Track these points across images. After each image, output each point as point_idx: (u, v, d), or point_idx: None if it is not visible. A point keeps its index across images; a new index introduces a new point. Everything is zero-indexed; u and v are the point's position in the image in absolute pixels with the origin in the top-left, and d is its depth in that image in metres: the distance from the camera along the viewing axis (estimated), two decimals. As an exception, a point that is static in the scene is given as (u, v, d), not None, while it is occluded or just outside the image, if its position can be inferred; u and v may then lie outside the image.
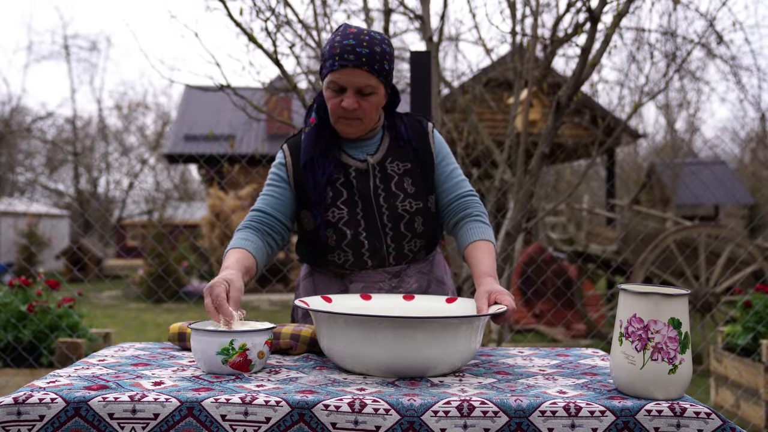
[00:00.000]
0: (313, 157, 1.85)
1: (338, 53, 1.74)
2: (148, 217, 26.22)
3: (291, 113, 9.11)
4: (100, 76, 49.32)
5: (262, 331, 1.50)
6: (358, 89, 1.77)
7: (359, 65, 1.74)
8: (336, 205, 1.84)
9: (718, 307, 6.29)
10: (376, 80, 1.77)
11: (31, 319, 3.76)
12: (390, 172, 1.87)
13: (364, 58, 1.73)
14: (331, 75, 1.77)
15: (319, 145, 1.86)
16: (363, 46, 1.74)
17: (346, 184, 1.86)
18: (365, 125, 1.84)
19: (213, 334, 1.46)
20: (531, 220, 4.94)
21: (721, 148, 21.11)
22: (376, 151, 1.89)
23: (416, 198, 1.86)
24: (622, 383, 1.35)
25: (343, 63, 1.74)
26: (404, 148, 1.90)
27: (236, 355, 1.46)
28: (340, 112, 1.80)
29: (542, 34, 4.23)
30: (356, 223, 1.84)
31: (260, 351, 1.49)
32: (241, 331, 1.47)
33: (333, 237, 1.84)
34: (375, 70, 1.76)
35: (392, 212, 1.84)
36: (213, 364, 1.47)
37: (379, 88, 1.79)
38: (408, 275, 1.92)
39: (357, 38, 1.75)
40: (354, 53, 1.73)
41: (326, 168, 1.85)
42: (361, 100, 1.78)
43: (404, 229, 1.85)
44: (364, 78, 1.75)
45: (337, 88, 1.78)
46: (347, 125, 1.82)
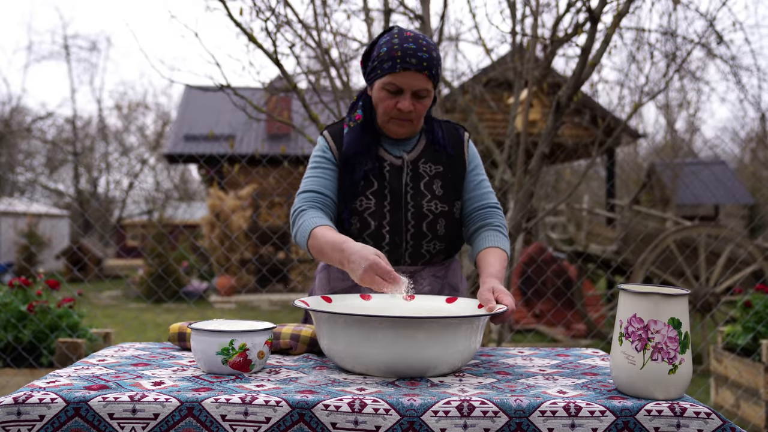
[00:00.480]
0: (355, 153, 1.89)
1: (400, 56, 1.79)
2: (148, 217, 26.21)
3: (291, 113, 9.11)
4: (100, 76, 49.31)
5: (262, 331, 1.50)
6: (415, 92, 1.83)
7: (420, 69, 1.79)
8: (365, 195, 1.88)
9: (718, 307, 6.28)
10: (431, 84, 1.83)
11: (31, 319, 3.76)
12: (421, 172, 1.91)
13: (425, 62, 1.79)
14: (390, 77, 1.81)
15: (362, 141, 1.90)
16: (423, 50, 1.80)
17: (378, 177, 1.89)
18: (415, 127, 1.90)
19: (213, 334, 1.46)
20: (531, 220, 4.93)
21: (721, 148, 21.11)
22: (411, 150, 1.93)
23: (443, 201, 1.89)
24: (622, 383, 1.35)
25: (406, 66, 1.79)
26: (439, 152, 1.94)
27: (236, 355, 1.46)
28: (394, 113, 1.85)
29: (542, 34, 4.23)
30: (381, 216, 1.87)
31: (260, 351, 1.49)
32: (241, 331, 1.47)
33: (356, 225, 1.88)
34: (432, 75, 1.82)
35: (417, 210, 1.87)
36: (213, 364, 1.47)
37: (431, 92, 1.86)
38: (422, 277, 1.93)
39: (417, 42, 1.81)
40: (416, 57, 1.79)
41: (365, 163, 1.88)
42: (416, 103, 1.84)
43: (426, 229, 1.88)
44: (422, 82, 1.81)
45: (394, 89, 1.83)
46: (399, 126, 1.87)
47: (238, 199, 12.62)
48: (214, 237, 12.28)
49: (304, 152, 4.45)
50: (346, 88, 3.99)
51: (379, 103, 1.86)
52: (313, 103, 4.73)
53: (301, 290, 13.21)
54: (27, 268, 13.53)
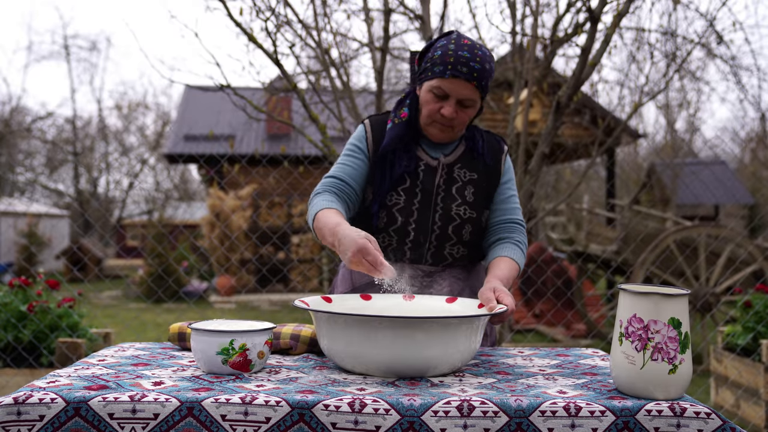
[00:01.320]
0: (395, 150, 1.89)
1: (452, 62, 1.79)
2: (148, 217, 26.21)
3: (291, 113, 9.11)
4: (100, 76, 49.26)
5: (262, 331, 1.50)
6: (461, 100, 1.83)
7: (470, 79, 1.79)
8: (396, 191, 1.88)
9: (718, 307, 6.28)
10: (478, 95, 1.84)
11: (31, 319, 3.76)
12: (456, 176, 1.91)
13: (476, 73, 1.79)
14: (438, 81, 1.82)
15: (404, 140, 1.91)
16: (476, 61, 1.80)
17: (412, 175, 1.90)
18: (455, 134, 1.90)
19: (213, 334, 1.46)
20: (531, 220, 4.94)
21: (721, 148, 21.11)
22: (450, 154, 1.94)
23: (472, 207, 1.90)
24: (622, 383, 1.35)
25: (455, 73, 1.79)
26: (476, 159, 1.94)
27: (236, 355, 1.46)
28: (437, 117, 1.85)
29: (542, 34, 4.23)
30: (409, 213, 1.87)
31: (260, 351, 1.50)
32: (241, 331, 1.47)
33: (384, 219, 1.88)
34: (481, 87, 1.82)
35: (445, 213, 1.88)
36: (213, 364, 1.47)
37: (477, 103, 1.86)
38: (441, 278, 1.94)
39: (471, 51, 1.80)
40: (467, 66, 1.79)
41: (403, 162, 1.89)
42: (460, 111, 1.85)
43: (451, 232, 1.88)
44: (470, 92, 1.82)
45: (441, 94, 1.83)
46: (440, 130, 1.88)
47: (238, 199, 12.62)
48: (214, 237, 12.28)
49: (304, 152, 4.45)
50: (346, 88, 3.99)
51: (425, 104, 1.86)
52: (313, 103, 4.73)
53: (301, 290, 13.22)
54: (27, 268, 13.54)
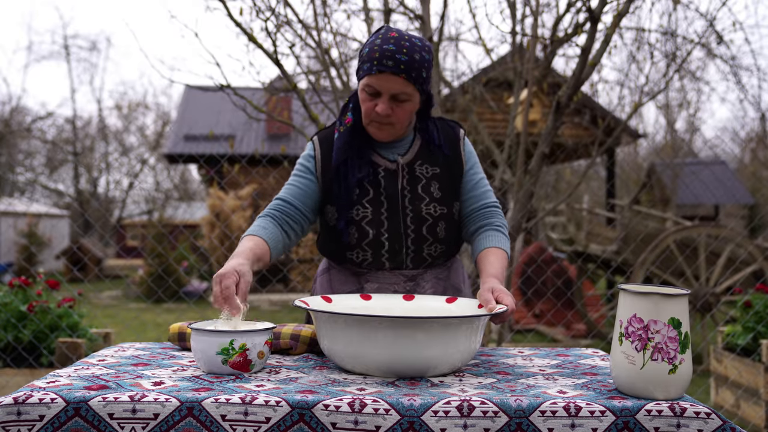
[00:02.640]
0: (347, 159, 1.84)
1: (377, 57, 1.73)
2: (148, 217, 26.21)
3: (291, 113, 9.11)
4: (100, 76, 49.28)
5: (262, 331, 1.50)
6: (394, 95, 1.76)
7: (397, 72, 1.72)
8: (361, 203, 1.83)
9: (718, 307, 6.28)
10: (412, 88, 1.76)
11: (31, 319, 3.76)
12: (418, 175, 1.86)
13: (403, 65, 1.72)
14: (367, 78, 1.76)
15: (353, 146, 1.85)
16: (403, 52, 1.72)
17: (373, 183, 1.84)
18: (396, 131, 1.83)
19: (213, 334, 1.46)
20: (531, 220, 4.93)
21: (721, 148, 21.11)
22: (406, 153, 1.88)
23: (441, 203, 1.85)
24: (622, 383, 1.35)
25: (381, 68, 1.72)
26: (435, 152, 1.89)
27: (236, 355, 1.46)
28: (373, 116, 1.79)
29: (542, 34, 4.23)
30: (379, 223, 1.82)
31: (260, 351, 1.49)
32: (241, 331, 1.47)
33: (355, 235, 1.83)
34: (412, 78, 1.74)
35: (416, 215, 1.83)
36: (213, 364, 1.47)
37: (414, 96, 1.78)
38: (424, 280, 1.91)
39: (397, 44, 1.73)
40: (393, 59, 1.72)
41: (358, 170, 1.84)
42: (395, 107, 1.78)
43: (426, 232, 1.84)
44: (400, 85, 1.74)
45: (372, 91, 1.77)
46: (378, 129, 1.82)
47: (238, 199, 12.62)
48: (214, 237, 12.28)
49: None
50: (346, 88, 3.99)
51: (362, 104, 1.81)
52: (313, 103, 4.73)
53: (301, 290, 13.21)
54: (27, 268, 13.53)
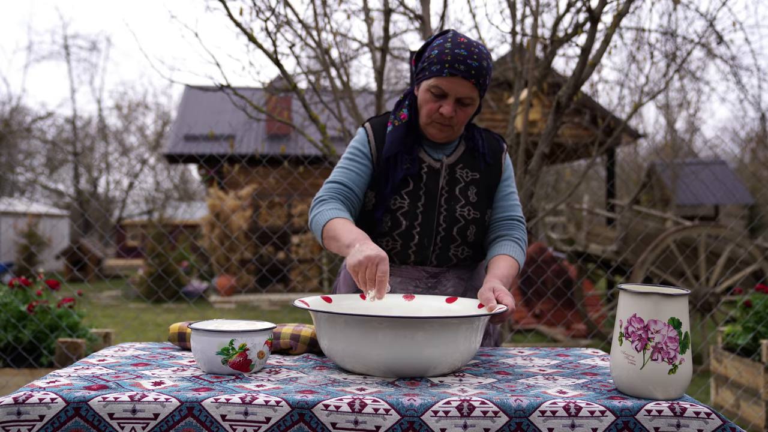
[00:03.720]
0: (396, 153, 1.88)
1: (449, 60, 1.78)
2: (148, 217, 26.21)
3: (291, 113, 9.11)
4: (100, 76, 49.23)
5: (262, 331, 1.50)
6: (459, 99, 1.81)
7: (468, 77, 1.78)
8: (400, 194, 1.87)
9: (718, 307, 6.28)
10: (477, 93, 1.82)
11: (31, 319, 3.76)
12: (458, 177, 1.91)
13: (474, 71, 1.78)
14: (436, 80, 1.80)
15: (405, 142, 1.89)
16: (474, 58, 1.78)
17: (416, 178, 1.89)
18: (455, 133, 1.89)
19: (213, 334, 1.46)
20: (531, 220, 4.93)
21: (721, 148, 21.12)
22: (451, 155, 1.93)
23: (476, 208, 1.90)
24: (622, 383, 1.35)
25: (453, 72, 1.77)
26: (477, 159, 1.94)
27: (236, 355, 1.46)
28: (436, 117, 1.84)
29: (542, 34, 4.23)
30: (413, 217, 1.86)
31: (260, 351, 1.49)
32: (241, 331, 1.47)
33: (388, 223, 1.87)
34: (479, 84, 1.80)
35: (450, 215, 1.87)
36: (213, 364, 1.47)
37: (476, 101, 1.84)
38: (446, 278, 1.94)
39: (468, 49, 1.78)
40: (465, 64, 1.77)
41: (406, 164, 1.88)
42: (459, 109, 1.83)
43: (456, 233, 1.88)
44: (468, 90, 1.80)
45: (439, 93, 1.82)
46: (440, 130, 1.86)
47: (238, 199, 12.62)
48: (214, 237, 12.28)
49: (303, 152, 4.45)
50: (346, 88, 3.99)
51: (423, 104, 1.85)
52: (313, 103, 4.73)
53: (301, 290, 13.22)
54: (27, 268, 13.53)
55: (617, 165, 13.47)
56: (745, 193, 17.27)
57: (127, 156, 27.68)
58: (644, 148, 19.74)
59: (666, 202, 15.08)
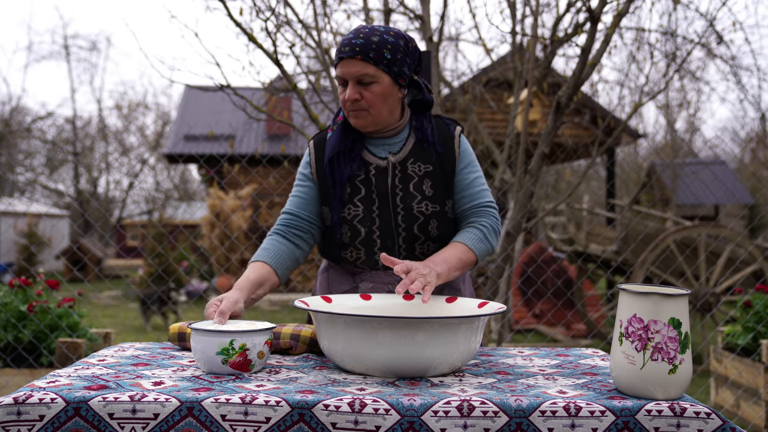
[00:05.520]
0: (338, 152, 1.87)
1: (338, 48, 1.81)
2: (148, 217, 26.20)
3: (291, 113, 9.11)
4: (100, 76, 49.29)
5: (262, 331, 1.50)
6: (358, 79, 1.79)
7: (353, 55, 1.77)
8: (353, 202, 1.84)
9: (718, 307, 6.28)
10: (374, 68, 1.77)
11: (31, 319, 3.76)
12: (410, 173, 1.86)
13: (357, 47, 1.77)
14: (336, 70, 1.82)
15: (345, 142, 1.87)
16: (360, 37, 1.78)
17: (365, 182, 1.85)
18: (373, 117, 1.83)
19: (213, 334, 1.46)
20: (531, 220, 4.93)
21: (721, 148, 21.13)
22: (399, 151, 1.89)
23: (433, 201, 1.85)
24: (622, 383, 1.35)
25: (341, 55, 1.79)
26: (428, 150, 1.89)
27: (236, 355, 1.46)
28: (347, 105, 1.83)
29: (542, 34, 4.23)
30: (371, 221, 1.83)
31: (260, 351, 1.49)
32: (241, 331, 1.48)
33: (348, 234, 1.85)
34: (371, 59, 1.76)
35: (407, 213, 1.83)
36: (213, 364, 1.47)
37: (380, 77, 1.79)
38: None
39: (356, 32, 1.81)
40: (349, 45, 1.78)
41: (349, 165, 1.86)
42: (363, 90, 1.79)
43: (418, 231, 1.84)
44: (360, 67, 1.77)
45: (341, 82, 1.82)
46: (356, 117, 1.83)
47: (238, 199, 12.62)
48: (214, 237, 12.27)
49: (303, 152, 4.45)
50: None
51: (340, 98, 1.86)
52: (313, 103, 4.73)
53: (301, 290, 13.21)
54: (27, 268, 13.53)
55: (617, 165, 13.47)
56: (745, 193, 17.27)
57: (127, 156, 27.68)
58: (644, 148, 19.75)
59: (666, 202, 15.07)
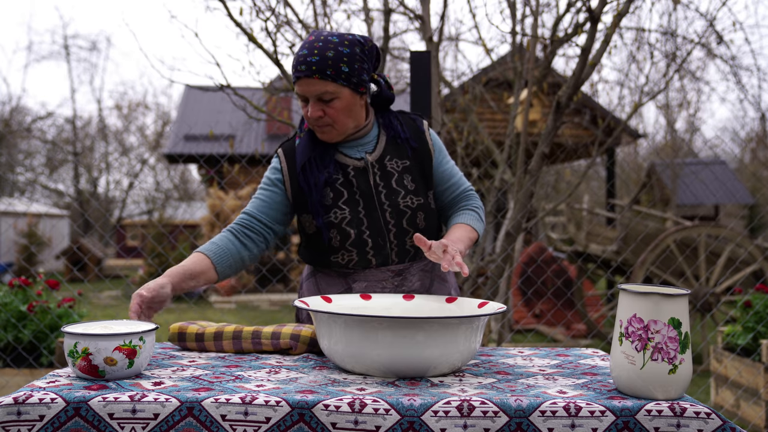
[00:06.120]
0: (310, 159, 1.86)
1: (294, 65, 1.78)
2: (148, 217, 26.21)
3: (291, 113, 9.12)
4: (100, 76, 49.26)
5: (108, 336, 1.39)
6: (318, 97, 1.77)
7: (310, 74, 1.74)
8: (337, 206, 1.84)
9: (718, 307, 6.28)
10: (333, 85, 1.76)
11: (31, 319, 3.76)
12: (390, 170, 1.88)
13: (314, 66, 1.74)
14: (295, 87, 1.80)
15: (315, 149, 1.87)
16: (314, 54, 1.74)
17: (345, 184, 1.85)
18: (339, 130, 1.83)
19: (68, 336, 1.41)
20: (531, 220, 4.93)
21: (721, 148, 21.13)
22: (374, 150, 1.90)
23: (417, 194, 1.88)
24: (622, 383, 1.35)
25: (297, 74, 1.77)
26: (402, 146, 1.91)
27: (80, 359, 1.40)
28: (311, 121, 1.82)
29: (542, 34, 4.23)
30: (359, 222, 1.84)
31: (108, 357, 1.39)
32: (89, 334, 1.40)
33: (337, 238, 1.84)
34: (328, 76, 1.74)
35: (394, 209, 1.85)
36: (71, 365, 1.42)
37: (340, 92, 1.77)
38: (411, 273, 1.92)
39: (310, 46, 1.76)
40: (305, 63, 1.75)
41: (324, 169, 1.85)
42: (325, 107, 1.78)
43: (407, 225, 1.86)
44: (318, 86, 1.75)
45: (302, 98, 1.80)
46: (322, 132, 1.84)
47: (238, 199, 12.62)
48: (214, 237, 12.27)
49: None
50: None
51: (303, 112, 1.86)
52: (313, 103, 4.71)
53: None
54: (27, 268, 13.53)
55: (617, 165, 13.47)
56: (745, 193, 17.27)
57: (127, 156, 27.68)
58: (644, 148, 19.75)
59: (666, 202, 15.07)
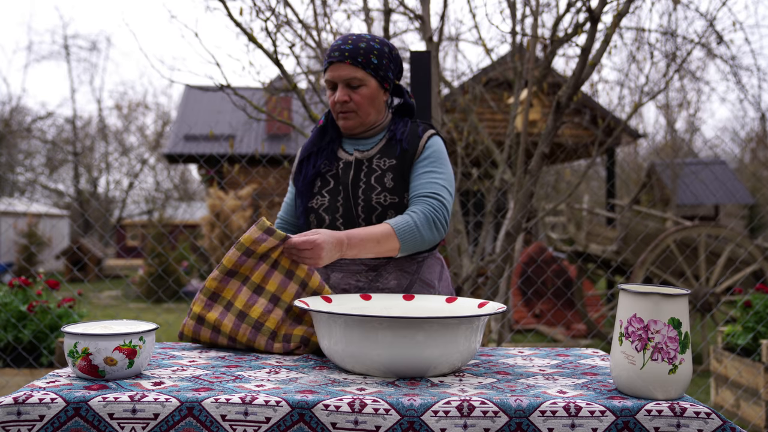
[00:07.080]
0: (310, 153, 2.01)
1: (328, 52, 1.94)
2: (148, 217, 26.20)
3: (291, 113, 9.12)
4: (100, 76, 49.22)
5: (108, 336, 1.41)
6: (347, 82, 1.91)
7: (342, 59, 1.89)
8: (321, 193, 1.98)
9: (718, 307, 6.28)
10: (362, 73, 1.91)
11: (31, 319, 3.76)
12: (375, 167, 1.96)
13: (347, 52, 1.89)
14: (325, 74, 1.94)
15: (320, 143, 2.02)
16: (348, 43, 1.91)
17: (334, 175, 1.98)
18: (361, 118, 1.95)
19: (69, 336, 1.42)
20: (531, 220, 4.93)
21: (721, 148, 21.13)
22: (372, 148, 1.99)
23: (393, 193, 1.92)
24: (622, 383, 1.35)
25: (330, 60, 1.92)
26: (395, 146, 1.98)
27: (80, 359, 1.40)
28: (337, 108, 1.95)
29: (542, 34, 4.23)
30: (334, 210, 1.94)
31: (108, 357, 1.40)
32: (90, 335, 1.41)
33: (314, 222, 1.98)
34: (359, 63, 1.90)
35: (367, 203, 1.92)
36: (71, 367, 1.43)
37: (367, 81, 1.92)
38: (387, 271, 1.94)
39: (344, 38, 1.93)
40: (339, 50, 1.91)
41: (317, 161, 2.00)
42: (351, 93, 1.92)
43: (376, 220, 1.92)
44: (349, 71, 1.90)
45: (331, 85, 1.95)
46: (345, 119, 1.95)
47: (238, 199, 12.61)
48: (214, 237, 12.27)
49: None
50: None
51: (329, 101, 1.97)
52: (313, 103, 4.73)
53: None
54: (27, 268, 13.53)
55: (617, 165, 13.47)
56: (745, 193, 17.26)
57: (127, 156, 27.67)
58: (644, 148, 19.74)
59: (666, 202, 15.07)
